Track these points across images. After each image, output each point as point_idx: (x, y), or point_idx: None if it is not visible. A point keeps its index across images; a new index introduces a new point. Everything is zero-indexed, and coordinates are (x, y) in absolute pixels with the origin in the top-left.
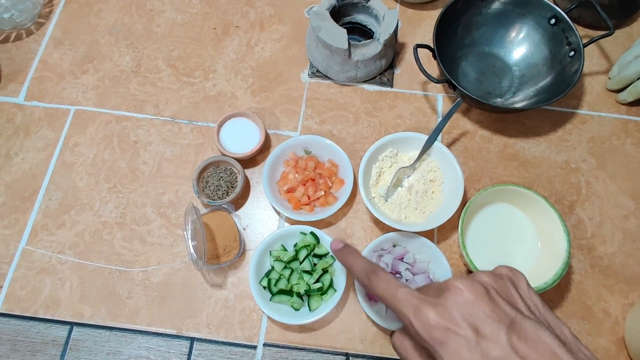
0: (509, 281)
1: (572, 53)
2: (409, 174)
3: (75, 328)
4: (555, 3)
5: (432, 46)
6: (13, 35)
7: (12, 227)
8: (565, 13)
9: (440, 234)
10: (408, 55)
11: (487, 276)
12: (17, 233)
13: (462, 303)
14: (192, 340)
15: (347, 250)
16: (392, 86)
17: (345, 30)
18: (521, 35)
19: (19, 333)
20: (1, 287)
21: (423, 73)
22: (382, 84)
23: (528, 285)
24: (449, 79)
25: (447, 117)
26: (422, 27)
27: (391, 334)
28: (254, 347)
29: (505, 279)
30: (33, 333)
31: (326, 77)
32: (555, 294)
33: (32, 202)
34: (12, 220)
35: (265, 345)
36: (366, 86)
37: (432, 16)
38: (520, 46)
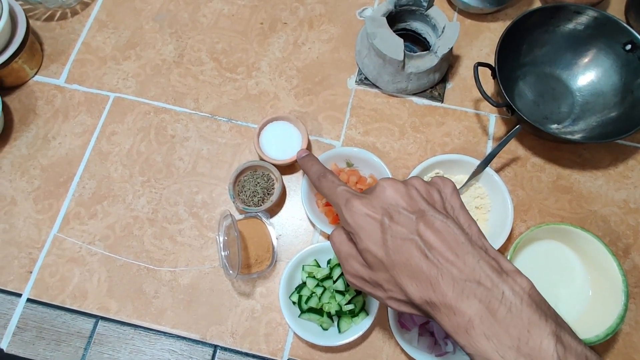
0: (435, 186)
1: None
2: None
3: (100, 322)
4: (631, 26)
5: (493, 64)
6: (58, 14)
7: (46, 212)
8: None
9: None
10: (462, 70)
11: (416, 180)
12: (49, 219)
13: (384, 197)
14: (216, 347)
15: (308, 157)
16: (442, 101)
17: (402, 40)
18: (590, 59)
19: (45, 321)
20: (31, 272)
21: (483, 96)
22: (432, 98)
23: (453, 190)
24: (509, 103)
25: (503, 143)
26: (480, 40)
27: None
28: None
29: (433, 184)
30: (59, 322)
31: (374, 85)
32: (599, 344)
33: (66, 189)
34: (46, 206)
35: None
36: (415, 99)
37: (490, 29)
38: (586, 70)
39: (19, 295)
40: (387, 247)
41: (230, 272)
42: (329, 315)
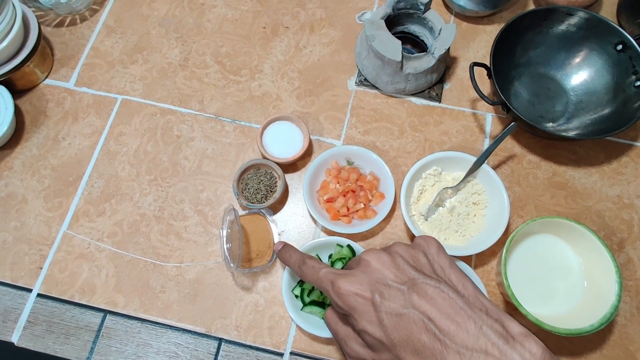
0: (420, 249)
1: (638, 83)
2: (452, 195)
3: (108, 316)
4: (622, 27)
5: (488, 65)
6: (68, 20)
7: (56, 210)
8: (635, 40)
9: (478, 259)
10: (459, 71)
11: (399, 246)
12: (59, 216)
13: (370, 272)
14: (221, 340)
15: (285, 249)
16: (440, 101)
17: (399, 42)
18: (582, 59)
19: (54, 315)
20: (41, 268)
21: (479, 94)
22: (430, 98)
23: (438, 249)
24: (504, 101)
25: (498, 140)
26: (476, 42)
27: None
28: (281, 355)
29: (417, 247)
30: (68, 317)
31: (373, 86)
32: (595, 335)
33: (76, 188)
34: (56, 204)
35: (292, 353)
36: (414, 99)
37: (486, 31)
38: (579, 70)
39: (30, 290)
40: (385, 325)
41: (231, 264)
42: None
